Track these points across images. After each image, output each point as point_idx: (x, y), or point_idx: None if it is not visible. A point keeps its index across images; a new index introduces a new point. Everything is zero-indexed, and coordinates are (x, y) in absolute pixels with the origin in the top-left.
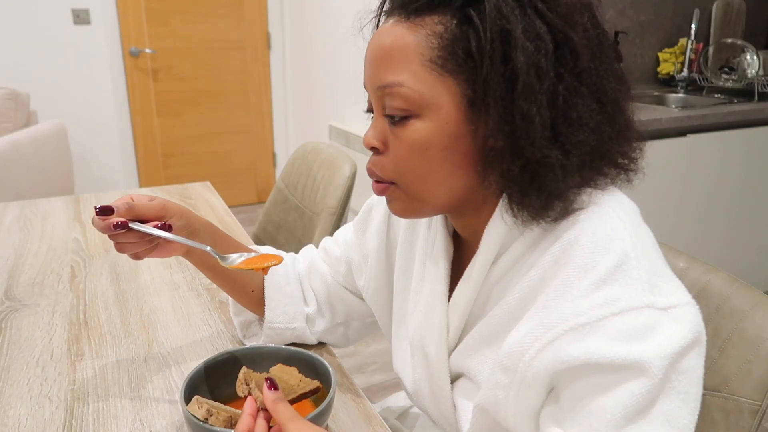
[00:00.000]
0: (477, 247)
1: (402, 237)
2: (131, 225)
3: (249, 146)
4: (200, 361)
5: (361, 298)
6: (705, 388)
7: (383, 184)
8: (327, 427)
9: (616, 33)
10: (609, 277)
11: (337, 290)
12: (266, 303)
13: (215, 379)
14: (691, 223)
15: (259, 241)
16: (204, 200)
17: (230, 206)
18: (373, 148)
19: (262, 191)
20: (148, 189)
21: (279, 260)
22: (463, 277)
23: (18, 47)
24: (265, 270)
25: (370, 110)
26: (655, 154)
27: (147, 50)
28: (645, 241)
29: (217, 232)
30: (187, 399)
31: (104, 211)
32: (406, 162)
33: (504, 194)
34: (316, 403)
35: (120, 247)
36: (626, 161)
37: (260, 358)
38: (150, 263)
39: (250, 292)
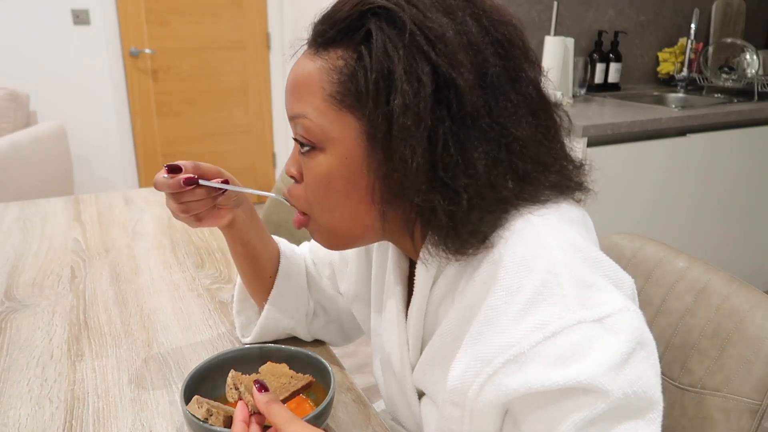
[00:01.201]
0: None
1: (377, 246)
2: (201, 182)
3: (249, 146)
4: (200, 361)
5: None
6: (705, 387)
7: (301, 216)
8: (327, 427)
9: (616, 33)
10: (535, 299)
11: (325, 290)
12: (274, 285)
13: (215, 379)
14: (690, 222)
15: None
16: None
17: None
18: (292, 176)
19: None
20: (148, 189)
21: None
22: (412, 297)
23: (18, 48)
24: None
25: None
26: (654, 153)
27: (147, 50)
28: (568, 251)
29: (257, 218)
30: (187, 399)
31: (173, 170)
32: (314, 193)
33: None
34: (316, 403)
35: (185, 208)
36: (561, 187)
37: (261, 358)
38: (150, 264)
39: (267, 277)
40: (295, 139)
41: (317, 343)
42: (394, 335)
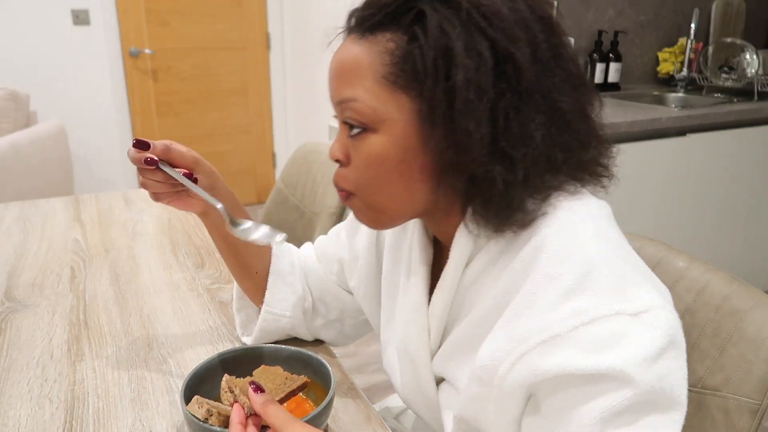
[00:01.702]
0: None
1: (389, 238)
2: (161, 165)
3: (248, 146)
4: (200, 362)
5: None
6: (705, 387)
7: (345, 192)
8: (327, 427)
9: (616, 33)
10: (576, 288)
11: (330, 287)
12: (268, 286)
13: (215, 379)
14: (690, 222)
15: None
16: None
17: None
18: (337, 160)
19: (262, 191)
20: None
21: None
22: (439, 283)
23: (17, 48)
24: (270, 246)
25: None
26: (654, 153)
27: (146, 51)
28: (611, 245)
29: (238, 205)
30: (187, 399)
31: (140, 144)
32: (365, 175)
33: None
34: (316, 403)
35: (144, 183)
36: (594, 167)
37: (261, 358)
38: (150, 264)
39: (254, 273)
40: (345, 122)
41: (317, 343)
42: (415, 323)
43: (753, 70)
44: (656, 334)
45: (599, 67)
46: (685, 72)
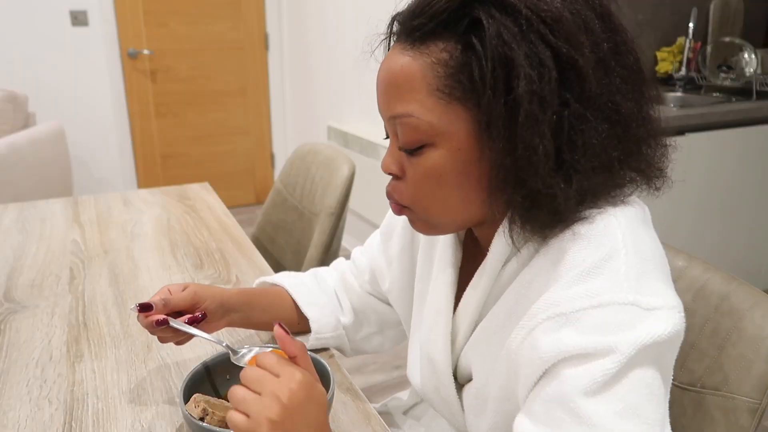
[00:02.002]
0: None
1: (423, 241)
2: (170, 323)
3: (247, 147)
4: (200, 362)
5: (390, 305)
6: (704, 387)
7: (399, 206)
8: None
9: None
10: (594, 270)
11: (367, 300)
12: (309, 317)
13: (215, 380)
14: (689, 221)
15: (257, 242)
16: (203, 201)
17: (229, 207)
18: (390, 174)
19: (261, 192)
20: (147, 190)
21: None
22: (471, 284)
23: (16, 49)
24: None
25: (388, 136)
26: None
27: (145, 51)
28: (642, 244)
29: (251, 298)
30: (186, 399)
31: (145, 308)
32: (423, 188)
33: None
34: None
35: (163, 340)
36: (648, 170)
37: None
38: (149, 265)
39: (295, 324)
40: (396, 137)
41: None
42: (439, 326)
43: (751, 70)
44: (662, 328)
45: None
46: (683, 71)
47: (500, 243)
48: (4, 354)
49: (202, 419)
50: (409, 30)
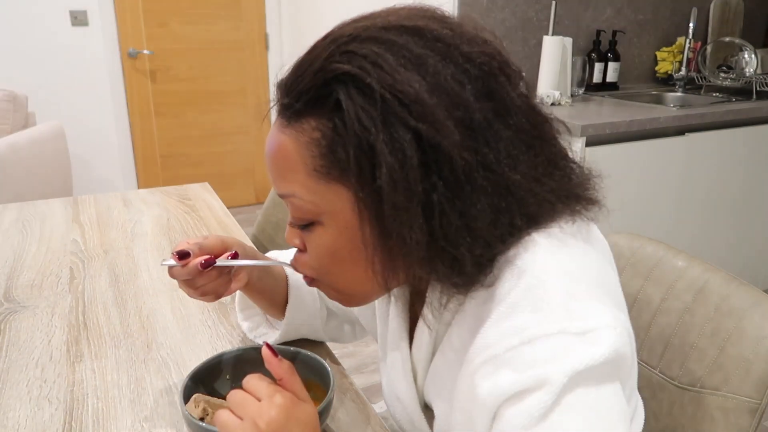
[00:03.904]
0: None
1: None
2: (218, 262)
3: (247, 147)
4: (200, 362)
5: None
6: (704, 386)
7: (308, 278)
8: (327, 427)
9: (614, 32)
10: (518, 303)
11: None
12: (290, 301)
13: (215, 380)
14: (689, 221)
15: (257, 242)
16: (203, 201)
17: (229, 207)
18: (295, 246)
19: (261, 192)
20: (146, 190)
21: None
22: (418, 323)
23: (16, 49)
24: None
25: None
26: (653, 153)
27: (145, 51)
28: (569, 264)
29: (258, 254)
30: (187, 399)
31: (183, 256)
32: (321, 263)
33: None
34: (315, 404)
35: (203, 291)
36: (574, 206)
37: (260, 358)
38: (149, 264)
39: (279, 303)
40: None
41: (317, 343)
42: (398, 361)
43: (751, 70)
44: (598, 351)
45: (597, 67)
46: (683, 71)
47: (434, 295)
48: (4, 354)
49: (202, 419)
50: (283, 107)
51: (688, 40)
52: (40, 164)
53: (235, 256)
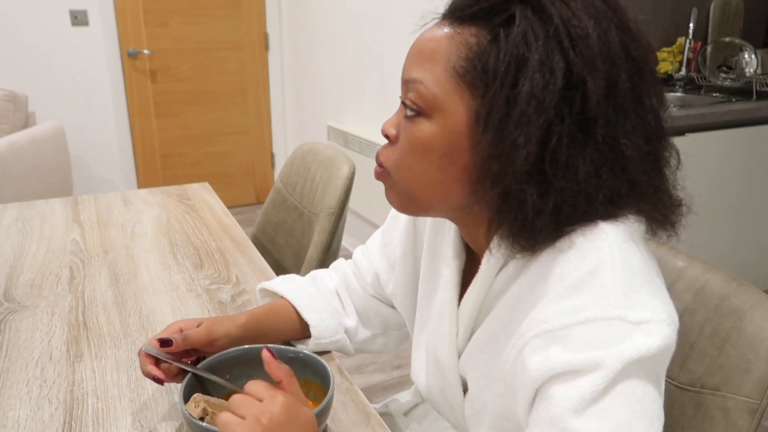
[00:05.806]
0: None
1: (427, 242)
2: (198, 373)
3: (247, 147)
4: (200, 362)
5: (394, 307)
6: (704, 387)
7: (382, 169)
8: (327, 428)
9: None
10: (580, 285)
11: (370, 302)
12: (309, 322)
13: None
14: (689, 221)
15: (257, 242)
16: (202, 201)
17: (229, 207)
18: (386, 136)
19: (261, 192)
20: (146, 190)
21: None
22: (468, 290)
23: (16, 48)
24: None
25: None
26: None
27: (145, 51)
28: (631, 257)
29: (259, 323)
30: (186, 398)
31: (165, 344)
32: (406, 156)
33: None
34: (315, 404)
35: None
36: (652, 218)
37: (260, 358)
38: (149, 264)
39: (299, 332)
40: (403, 103)
41: None
42: (444, 326)
43: (751, 70)
44: (651, 342)
45: None
46: (683, 71)
47: (491, 254)
48: (4, 354)
49: (202, 419)
50: (454, 9)
51: (688, 40)
52: (40, 164)
53: (197, 361)
